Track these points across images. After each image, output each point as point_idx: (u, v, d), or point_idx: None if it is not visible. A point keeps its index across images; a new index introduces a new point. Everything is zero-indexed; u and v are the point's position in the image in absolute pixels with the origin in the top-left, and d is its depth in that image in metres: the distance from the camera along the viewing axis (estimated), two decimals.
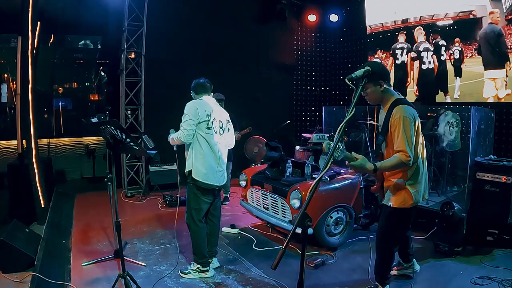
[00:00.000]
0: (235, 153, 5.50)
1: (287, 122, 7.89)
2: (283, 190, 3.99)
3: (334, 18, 8.21)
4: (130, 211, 5.50)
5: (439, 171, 5.34)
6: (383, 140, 2.69)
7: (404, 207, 2.71)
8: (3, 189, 5.34)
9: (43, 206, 4.79)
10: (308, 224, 1.72)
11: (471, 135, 4.53)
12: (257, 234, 4.47)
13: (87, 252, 3.91)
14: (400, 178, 2.70)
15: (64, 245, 4.12)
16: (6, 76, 7.45)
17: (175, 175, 6.74)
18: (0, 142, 6.84)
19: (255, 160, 7.30)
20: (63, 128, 8.10)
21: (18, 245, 3.39)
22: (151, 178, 6.50)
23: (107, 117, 4.20)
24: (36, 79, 5.00)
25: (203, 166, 3.28)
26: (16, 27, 4.90)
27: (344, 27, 8.37)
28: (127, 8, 6.29)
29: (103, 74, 8.65)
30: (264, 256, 3.85)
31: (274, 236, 4.40)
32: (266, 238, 4.37)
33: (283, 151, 4.68)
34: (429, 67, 6.54)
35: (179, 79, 4.59)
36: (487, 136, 5.06)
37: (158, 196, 6.18)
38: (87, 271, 3.48)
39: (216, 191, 3.53)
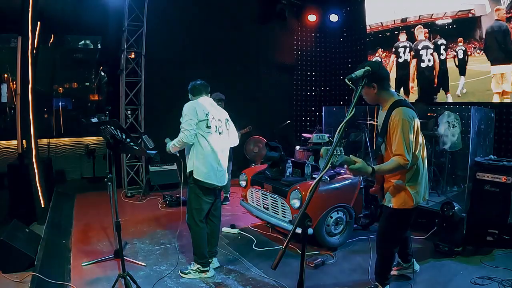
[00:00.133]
0: (235, 153, 5.50)
1: (287, 122, 7.89)
2: (283, 190, 3.99)
3: (334, 18, 8.21)
4: (130, 211, 5.50)
5: (439, 171, 5.34)
6: (382, 141, 2.69)
7: (404, 208, 2.71)
8: (3, 189, 5.34)
9: (43, 206, 4.79)
10: (308, 224, 1.72)
11: (471, 135, 4.53)
12: (257, 234, 4.47)
13: (87, 252, 3.91)
14: (400, 179, 2.69)
15: (64, 245, 4.12)
16: (6, 76, 7.45)
17: (175, 175, 6.75)
18: (0, 142, 6.84)
19: (255, 160, 7.30)
20: (63, 128, 8.09)
21: (18, 245, 3.39)
22: (151, 178, 6.50)
23: (107, 117, 4.20)
24: (36, 79, 5.00)
25: (204, 166, 3.28)
26: (16, 27, 4.91)
27: (344, 27, 8.38)
28: (127, 8, 6.29)
29: (103, 74, 8.63)
30: (264, 256, 3.85)
31: (274, 236, 4.40)
32: (266, 238, 4.37)
33: (283, 151, 4.68)
34: (428, 65, 6.54)
35: (179, 79, 4.58)
36: (487, 136, 5.06)
37: (158, 196, 6.18)
38: (87, 271, 3.48)
39: (217, 191, 3.53)
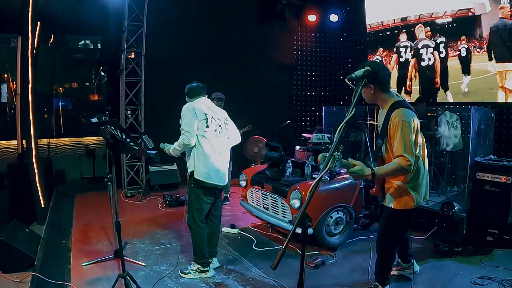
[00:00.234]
0: (235, 153, 5.50)
1: (287, 122, 7.89)
2: (283, 190, 3.98)
3: (334, 18, 8.21)
4: (130, 211, 5.50)
5: (439, 171, 5.34)
6: (382, 143, 2.67)
7: (405, 208, 2.70)
8: (3, 189, 5.34)
9: (43, 206, 4.79)
10: (308, 224, 1.72)
11: (471, 135, 4.54)
12: (257, 234, 4.47)
13: (87, 252, 3.90)
14: (401, 180, 2.68)
15: (64, 245, 4.12)
16: (6, 76, 7.45)
17: (175, 175, 6.75)
18: (0, 142, 6.84)
19: (255, 160, 7.29)
20: (63, 128, 8.08)
21: (18, 245, 3.39)
22: (151, 178, 6.50)
23: (107, 117, 4.20)
24: (36, 79, 4.99)
25: (204, 165, 3.28)
26: (16, 27, 4.91)
27: (344, 27, 8.38)
28: (127, 8, 6.29)
29: (103, 74, 8.63)
30: (264, 256, 3.85)
31: (274, 236, 4.39)
32: (266, 238, 4.37)
33: (283, 151, 4.67)
34: (429, 64, 6.54)
35: (179, 79, 4.58)
36: (487, 136, 5.06)
37: (158, 196, 6.18)
38: (87, 271, 3.47)
39: (218, 191, 3.53)
